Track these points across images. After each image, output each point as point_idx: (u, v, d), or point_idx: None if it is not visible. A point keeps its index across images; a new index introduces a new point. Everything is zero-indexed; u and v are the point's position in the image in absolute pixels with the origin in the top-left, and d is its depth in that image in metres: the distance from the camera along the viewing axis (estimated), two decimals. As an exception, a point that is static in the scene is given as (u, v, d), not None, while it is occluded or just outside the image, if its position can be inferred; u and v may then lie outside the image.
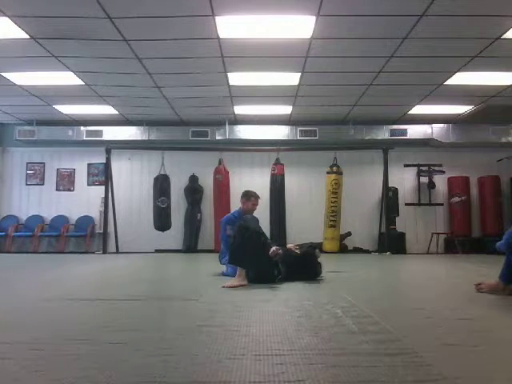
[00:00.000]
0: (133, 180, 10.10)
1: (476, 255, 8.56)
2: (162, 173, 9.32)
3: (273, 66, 6.73)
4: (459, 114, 9.28)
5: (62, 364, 1.63)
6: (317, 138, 9.62)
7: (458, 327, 2.27)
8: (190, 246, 9.49)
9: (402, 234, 9.47)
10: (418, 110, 9.01)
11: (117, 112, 9.21)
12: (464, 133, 9.60)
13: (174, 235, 9.63)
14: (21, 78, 7.24)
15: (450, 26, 5.39)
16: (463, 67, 6.73)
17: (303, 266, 4.22)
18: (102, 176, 9.80)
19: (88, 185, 10.17)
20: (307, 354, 1.73)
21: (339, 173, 9.30)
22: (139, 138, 9.80)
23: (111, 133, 9.75)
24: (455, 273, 5.74)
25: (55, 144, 9.95)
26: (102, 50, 6.11)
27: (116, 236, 9.50)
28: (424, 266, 6.79)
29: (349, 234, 9.58)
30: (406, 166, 9.75)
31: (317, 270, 4.35)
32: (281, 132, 9.73)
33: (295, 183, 9.84)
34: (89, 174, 10.20)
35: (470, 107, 8.85)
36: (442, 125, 9.68)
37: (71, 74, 7.01)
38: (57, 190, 10.15)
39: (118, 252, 9.37)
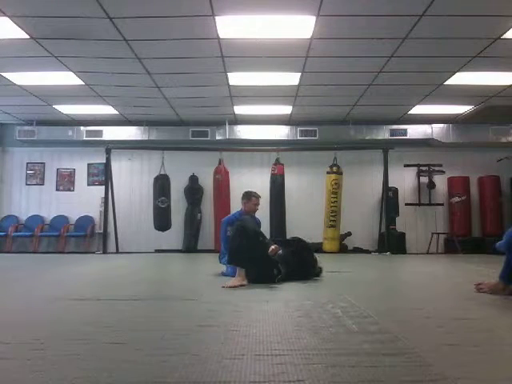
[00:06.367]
0: (133, 180, 10.09)
1: (476, 255, 8.55)
2: (162, 173, 9.31)
3: (273, 66, 6.72)
4: (459, 114, 9.27)
5: (62, 364, 1.64)
6: (317, 138, 9.62)
7: (457, 327, 2.27)
8: (190, 246, 9.48)
9: (402, 234, 9.45)
10: (418, 110, 9.00)
11: (117, 112, 9.21)
12: (464, 133, 9.60)
13: (174, 235, 9.63)
14: (21, 78, 7.23)
15: (450, 25, 5.38)
16: (463, 67, 6.73)
17: (301, 263, 4.22)
18: (102, 176, 9.79)
19: (88, 185, 10.16)
20: (307, 353, 1.74)
21: (339, 173, 9.29)
22: (139, 138, 9.80)
23: (111, 133, 9.74)
24: (455, 273, 5.74)
25: (55, 144, 9.94)
26: (102, 50, 6.10)
27: (116, 236, 9.50)
28: (424, 266, 6.79)
29: (349, 234, 9.58)
30: (406, 166, 9.74)
31: (316, 268, 4.36)
32: (281, 132, 9.73)
33: (295, 183, 9.83)
34: (89, 173, 10.19)
35: (470, 107, 8.84)
36: (441, 125, 9.67)
37: (71, 73, 7.00)
38: (57, 190, 10.14)
39: (117, 252, 9.36)
